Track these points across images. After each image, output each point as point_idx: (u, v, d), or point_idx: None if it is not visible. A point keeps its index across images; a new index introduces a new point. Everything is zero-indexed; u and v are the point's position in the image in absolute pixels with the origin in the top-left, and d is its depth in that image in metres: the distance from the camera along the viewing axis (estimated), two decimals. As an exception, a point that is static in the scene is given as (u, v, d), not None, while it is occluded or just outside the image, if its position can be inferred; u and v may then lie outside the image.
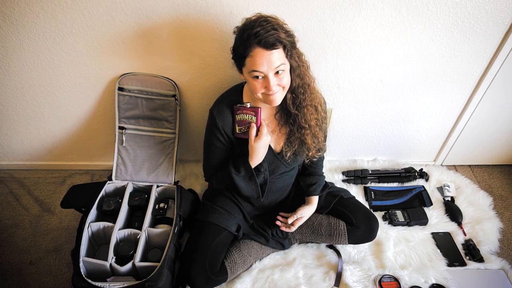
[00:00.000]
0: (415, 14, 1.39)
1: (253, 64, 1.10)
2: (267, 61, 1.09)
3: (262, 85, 1.14)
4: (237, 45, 1.14)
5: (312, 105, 1.28)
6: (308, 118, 1.28)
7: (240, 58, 1.13)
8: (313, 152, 1.36)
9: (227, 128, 1.31)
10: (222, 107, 1.30)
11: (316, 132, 1.33)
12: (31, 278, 1.53)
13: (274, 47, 1.08)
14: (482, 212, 1.76)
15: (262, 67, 1.09)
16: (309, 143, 1.32)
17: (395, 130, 1.87)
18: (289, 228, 1.48)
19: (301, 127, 1.29)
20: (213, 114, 1.30)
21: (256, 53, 1.08)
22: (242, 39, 1.10)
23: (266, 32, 1.06)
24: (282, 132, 1.36)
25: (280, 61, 1.11)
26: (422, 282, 1.49)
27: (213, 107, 1.32)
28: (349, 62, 1.55)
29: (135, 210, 1.62)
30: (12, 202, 1.82)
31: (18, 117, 1.73)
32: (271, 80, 1.12)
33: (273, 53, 1.09)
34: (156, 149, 1.68)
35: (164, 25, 1.41)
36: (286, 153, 1.35)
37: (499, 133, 1.89)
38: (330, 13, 1.38)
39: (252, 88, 1.17)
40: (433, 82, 1.64)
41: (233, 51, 1.17)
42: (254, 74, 1.12)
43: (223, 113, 1.29)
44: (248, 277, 1.49)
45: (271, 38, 1.06)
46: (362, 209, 1.54)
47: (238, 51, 1.13)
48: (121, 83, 1.57)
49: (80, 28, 1.41)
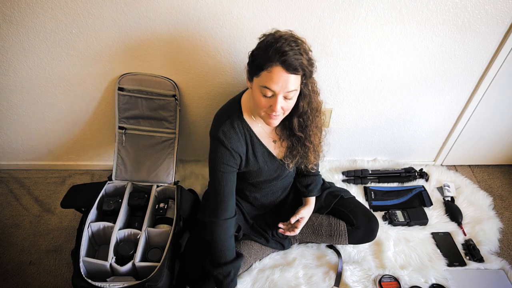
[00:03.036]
0: (415, 14, 1.39)
1: (268, 80, 1.05)
2: (283, 82, 1.05)
3: (268, 103, 1.11)
4: (259, 54, 1.07)
5: (317, 126, 1.28)
6: (312, 139, 1.28)
7: (257, 67, 1.07)
8: (313, 165, 1.37)
9: (237, 147, 1.24)
10: (226, 128, 1.22)
11: (319, 150, 1.33)
12: (31, 278, 1.53)
13: (295, 71, 1.05)
14: (482, 212, 1.76)
15: (276, 86, 1.05)
16: (311, 159, 1.33)
17: (395, 130, 1.87)
18: (293, 231, 1.44)
19: (305, 146, 1.29)
20: (218, 137, 1.21)
21: (276, 70, 1.03)
22: (267, 51, 1.04)
23: (293, 54, 1.02)
24: (283, 146, 1.34)
25: (294, 86, 1.07)
26: (422, 282, 1.49)
27: (215, 130, 1.23)
28: (349, 62, 1.55)
29: (135, 210, 1.62)
30: (12, 202, 1.83)
31: (18, 117, 1.73)
32: (278, 101, 1.08)
33: (291, 77, 1.05)
34: (156, 149, 1.68)
35: (164, 24, 1.41)
36: (288, 165, 1.34)
37: (499, 133, 1.89)
38: (330, 13, 1.38)
39: (258, 103, 1.13)
40: (433, 82, 1.64)
41: (252, 57, 1.11)
42: (264, 91, 1.08)
43: (229, 133, 1.22)
44: (248, 277, 1.49)
45: (296, 62, 1.03)
46: (362, 209, 1.54)
47: (258, 60, 1.06)
48: (121, 83, 1.57)
49: (80, 28, 1.41)
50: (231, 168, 1.26)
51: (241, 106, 1.26)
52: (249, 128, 1.27)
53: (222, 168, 1.24)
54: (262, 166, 1.33)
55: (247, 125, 1.26)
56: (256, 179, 1.39)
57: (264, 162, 1.33)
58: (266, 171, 1.36)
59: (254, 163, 1.31)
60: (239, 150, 1.25)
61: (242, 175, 1.38)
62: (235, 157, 1.25)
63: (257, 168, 1.33)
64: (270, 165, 1.35)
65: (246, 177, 1.38)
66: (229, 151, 1.23)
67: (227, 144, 1.22)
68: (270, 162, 1.34)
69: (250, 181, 1.41)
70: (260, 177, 1.38)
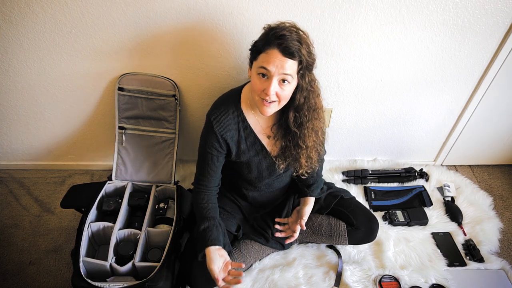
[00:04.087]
0: (415, 14, 1.39)
1: (264, 61, 1.09)
2: (279, 63, 1.08)
3: (263, 86, 1.13)
4: (259, 39, 1.14)
5: (314, 129, 1.27)
6: (306, 140, 1.27)
7: (256, 51, 1.13)
8: (304, 170, 1.35)
9: (225, 133, 1.27)
10: (219, 112, 1.27)
11: (312, 154, 1.32)
12: (31, 278, 1.53)
13: (291, 56, 1.07)
14: (482, 212, 1.76)
15: (272, 66, 1.08)
16: (303, 163, 1.32)
17: (395, 130, 1.87)
18: (292, 237, 1.45)
19: (298, 146, 1.29)
20: (210, 119, 1.27)
21: (272, 53, 1.08)
22: (267, 35, 1.10)
23: (291, 40, 1.06)
24: (277, 146, 1.35)
25: (290, 71, 1.09)
26: (422, 282, 1.49)
27: (210, 112, 1.29)
28: (349, 62, 1.55)
29: (135, 210, 1.62)
30: (12, 202, 1.82)
31: (18, 117, 1.73)
32: (272, 83, 1.10)
33: (287, 61, 1.08)
34: (156, 149, 1.68)
35: (164, 24, 1.41)
36: (279, 166, 1.34)
37: (499, 133, 1.89)
38: (330, 13, 1.38)
39: (253, 86, 1.16)
40: (433, 82, 1.64)
41: (253, 43, 1.16)
42: (260, 71, 1.11)
43: (220, 117, 1.26)
44: (248, 277, 1.49)
45: (292, 47, 1.06)
46: (362, 209, 1.53)
47: (258, 44, 1.12)
48: (121, 83, 1.57)
49: (80, 28, 1.41)
50: (216, 151, 1.31)
51: (240, 95, 1.29)
52: (243, 117, 1.29)
53: (208, 149, 1.30)
54: (254, 158, 1.34)
55: (242, 113, 1.29)
56: (248, 173, 1.40)
57: (256, 154, 1.34)
58: (257, 165, 1.37)
59: (246, 153, 1.33)
60: (226, 136, 1.28)
61: (235, 168, 1.40)
62: (221, 142, 1.28)
63: (248, 159, 1.34)
64: (262, 160, 1.36)
65: (239, 170, 1.40)
66: (215, 135, 1.27)
67: (215, 128, 1.26)
68: (262, 157, 1.35)
69: (243, 176, 1.42)
70: (251, 172, 1.39)
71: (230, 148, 1.31)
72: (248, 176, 1.41)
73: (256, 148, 1.34)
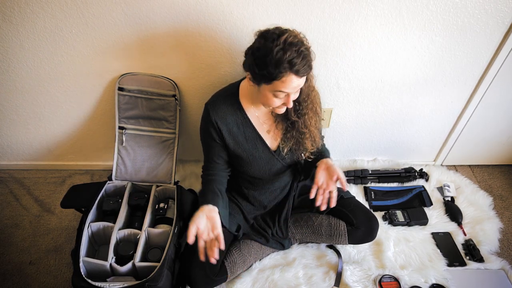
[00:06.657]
0: (415, 14, 1.39)
1: (282, 87, 1.11)
2: (295, 85, 1.12)
3: (280, 102, 1.18)
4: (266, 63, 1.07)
5: (312, 109, 1.30)
6: (308, 123, 1.30)
7: (268, 78, 1.10)
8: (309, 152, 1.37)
9: (220, 121, 1.30)
10: (217, 100, 1.31)
11: (315, 135, 1.34)
12: (31, 278, 1.53)
13: (305, 74, 1.12)
14: (482, 212, 1.76)
15: (290, 89, 1.13)
16: (308, 147, 1.34)
17: (395, 130, 1.87)
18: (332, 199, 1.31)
19: (300, 132, 1.32)
20: (207, 107, 1.31)
21: (289, 78, 1.09)
22: (278, 65, 1.06)
23: (302, 63, 1.08)
24: (278, 128, 1.36)
25: (302, 83, 1.16)
26: (422, 282, 1.49)
27: (208, 101, 1.33)
28: (349, 62, 1.55)
29: (135, 210, 1.62)
30: (12, 202, 1.83)
31: (18, 117, 1.73)
32: (291, 100, 1.17)
33: (302, 79, 1.13)
34: (156, 149, 1.68)
35: (164, 25, 1.41)
36: (283, 148, 1.36)
37: (499, 133, 1.89)
38: (330, 13, 1.38)
39: (269, 103, 1.19)
40: (433, 82, 1.64)
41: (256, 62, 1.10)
42: (277, 94, 1.15)
43: (217, 106, 1.30)
44: (248, 277, 1.49)
45: (306, 68, 1.10)
46: (362, 209, 1.53)
47: (269, 71, 1.07)
48: (121, 83, 1.57)
49: (80, 28, 1.41)
50: (213, 139, 1.34)
51: (239, 90, 1.32)
52: (243, 111, 1.31)
53: (207, 136, 1.34)
54: (253, 152, 1.35)
55: (241, 107, 1.31)
56: (247, 168, 1.40)
57: (255, 147, 1.35)
58: (257, 160, 1.37)
59: (245, 147, 1.34)
60: (221, 125, 1.30)
61: (235, 164, 1.41)
62: (216, 130, 1.31)
63: (248, 153, 1.35)
64: (261, 154, 1.36)
65: (238, 166, 1.41)
66: (211, 123, 1.30)
67: (211, 115, 1.29)
68: (261, 150, 1.36)
69: (243, 173, 1.43)
70: (251, 167, 1.39)
71: (225, 138, 1.32)
72: (248, 172, 1.42)
73: (255, 142, 1.35)
